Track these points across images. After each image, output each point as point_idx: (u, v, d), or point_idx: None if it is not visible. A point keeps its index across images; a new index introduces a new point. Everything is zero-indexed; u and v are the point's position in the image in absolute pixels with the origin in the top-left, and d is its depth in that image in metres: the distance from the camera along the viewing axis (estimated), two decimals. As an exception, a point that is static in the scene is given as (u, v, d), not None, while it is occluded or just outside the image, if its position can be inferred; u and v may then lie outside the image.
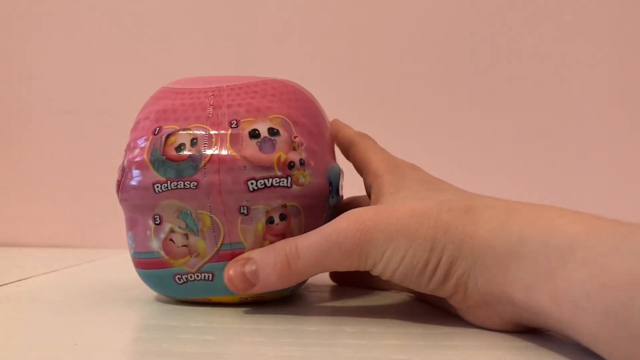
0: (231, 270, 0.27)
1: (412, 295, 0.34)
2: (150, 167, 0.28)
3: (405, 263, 0.25)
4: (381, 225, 0.26)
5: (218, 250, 0.28)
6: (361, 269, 0.27)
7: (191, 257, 0.29)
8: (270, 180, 0.28)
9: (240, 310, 0.29)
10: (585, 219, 0.22)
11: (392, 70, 0.61)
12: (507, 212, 0.24)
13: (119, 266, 0.47)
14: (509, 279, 0.23)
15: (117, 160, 0.31)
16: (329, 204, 0.30)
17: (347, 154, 0.34)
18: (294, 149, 0.29)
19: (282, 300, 0.31)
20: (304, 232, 0.28)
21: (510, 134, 0.59)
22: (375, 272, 0.26)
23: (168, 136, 0.28)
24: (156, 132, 0.29)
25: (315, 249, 0.26)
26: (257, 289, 0.27)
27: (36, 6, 0.66)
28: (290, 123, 0.29)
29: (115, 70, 0.65)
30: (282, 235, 0.28)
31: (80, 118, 0.65)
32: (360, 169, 0.32)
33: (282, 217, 0.28)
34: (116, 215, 0.29)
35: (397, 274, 0.26)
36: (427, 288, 0.26)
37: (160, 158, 0.28)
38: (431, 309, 0.30)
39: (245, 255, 0.28)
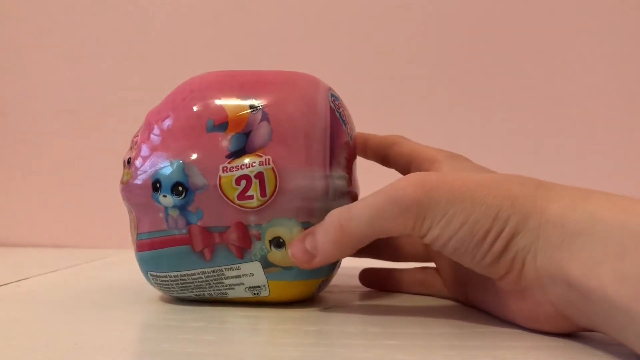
0: (292, 247, 0.27)
1: (443, 297, 0.34)
2: None
3: (464, 230, 0.24)
4: (445, 187, 0.24)
5: None
6: (415, 234, 0.25)
7: None
8: None
9: (240, 310, 0.29)
10: None
11: (391, 70, 0.61)
12: (581, 193, 0.23)
13: (119, 266, 0.47)
14: (570, 256, 0.22)
15: (117, 160, 0.31)
16: (160, 203, 0.28)
17: (388, 153, 0.33)
18: (131, 148, 0.30)
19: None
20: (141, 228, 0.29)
21: (511, 133, 0.59)
22: (429, 238, 0.25)
23: None
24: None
25: (369, 207, 0.25)
26: (319, 260, 0.27)
27: (36, 6, 0.66)
28: (146, 123, 0.29)
29: (115, 70, 0.65)
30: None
31: (80, 118, 0.65)
32: (409, 160, 0.32)
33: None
34: (116, 215, 0.29)
35: (452, 242, 0.24)
36: (482, 261, 0.24)
37: None
38: (431, 310, 0.30)
39: (308, 230, 0.28)
